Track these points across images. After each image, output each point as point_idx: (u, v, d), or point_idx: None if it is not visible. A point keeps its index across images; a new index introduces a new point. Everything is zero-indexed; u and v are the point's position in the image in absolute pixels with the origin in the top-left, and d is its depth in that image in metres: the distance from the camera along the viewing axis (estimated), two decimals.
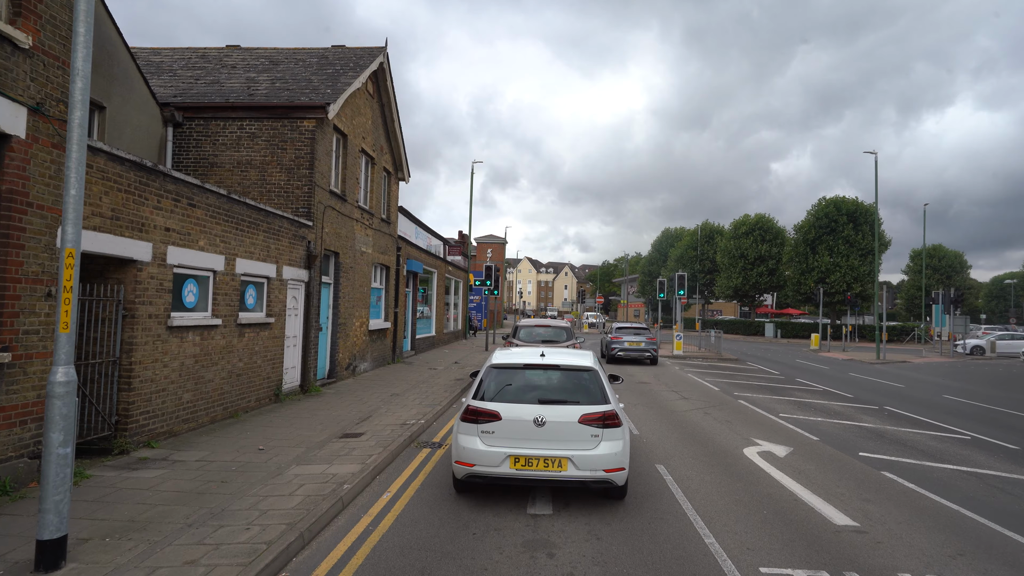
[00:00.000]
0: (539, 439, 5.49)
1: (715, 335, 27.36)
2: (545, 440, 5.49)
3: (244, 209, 9.24)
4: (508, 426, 5.54)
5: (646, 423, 10.08)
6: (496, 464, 5.47)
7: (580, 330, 50.28)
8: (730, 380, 17.04)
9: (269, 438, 7.88)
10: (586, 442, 5.49)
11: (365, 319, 15.42)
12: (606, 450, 5.46)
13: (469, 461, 5.55)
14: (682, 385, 15.57)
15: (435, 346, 24.69)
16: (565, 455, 5.41)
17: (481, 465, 5.51)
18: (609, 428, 5.52)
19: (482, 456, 5.51)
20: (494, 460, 5.47)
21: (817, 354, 31.51)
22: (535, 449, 5.47)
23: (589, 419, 5.53)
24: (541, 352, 6.46)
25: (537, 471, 5.43)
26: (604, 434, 5.50)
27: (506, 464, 5.46)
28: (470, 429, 5.65)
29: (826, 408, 12.37)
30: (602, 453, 5.44)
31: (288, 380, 11.16)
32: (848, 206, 44.63)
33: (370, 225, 15.63)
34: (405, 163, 18.18)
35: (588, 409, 5.60)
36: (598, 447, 5.47)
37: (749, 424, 10.25)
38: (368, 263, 15.54)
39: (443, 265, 26.45)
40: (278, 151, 11.90)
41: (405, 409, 10.30)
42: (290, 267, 10.95)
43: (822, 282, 44.73)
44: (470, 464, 5.54)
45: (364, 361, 15.42)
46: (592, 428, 5.51)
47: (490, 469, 5.49)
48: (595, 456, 5.43)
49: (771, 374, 19.41)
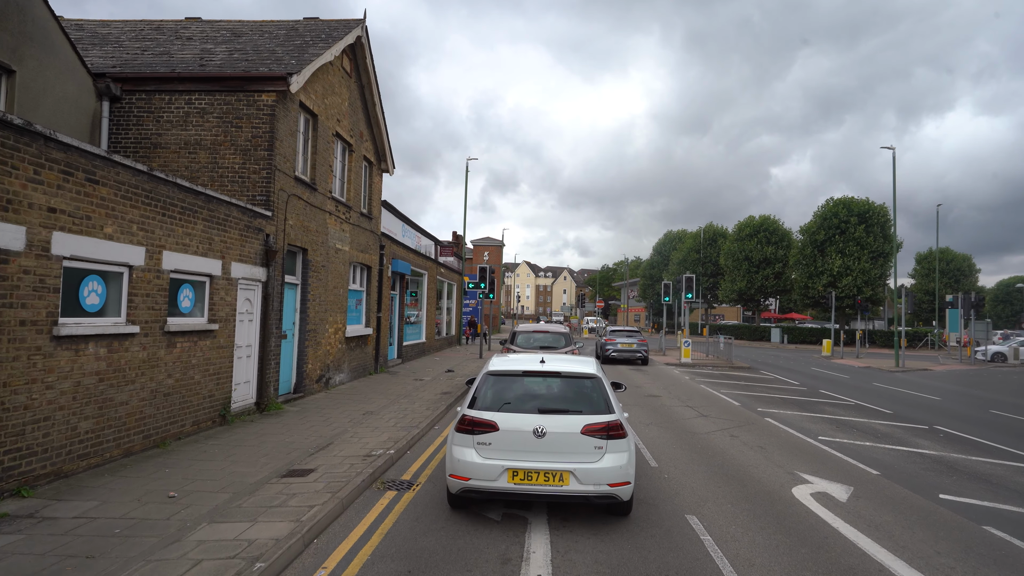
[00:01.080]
0: (539, 451, 5.14)
1: (724, 341, 25.68)
2: (545, 452, 5.14)
3: (175, 191, 7.56)
4: (506, 437, 5.20)
5: (664, 450, 8.38)
6: (493, 478, 5.11)
7: (580, 335, 48.59)
8: (748, 392, 15.35)
9: (192, 477, 6.18)
10: (589, 454, 5.13)
11: (341, 325, 13.73)
12: (611, 463, 5.10)
13: (464, 475, 5.18)
14: (697, 399, 13.87)
15: (425, 353, 22.97)
16: (567, 468, 5.06)
17: (477, 479, 5.14)
18: (614, 439, 5.18)
19: (478, 469, 5.14)
20: (491, 474, 5.11)
21: (830, 361, 29.85)
22: (535, 462, 5.11)
23: (592, 430, 5.17)
24: (541, 358, 6.08)
25: (537, 485, 5.06)
26: (608, 446, 5.15)
27: (504, 478, 5.10)
28: (465, 440, 5.29)
29: (869, 429, 10.69)
30: (607, 466, 5.08)
31: (239, 397, 9.45)
32: (858, 206, 43.05)
33: (347, 219, 13.95)
34: (389, 153, 16.53)
35: (591, 419, 5.25)
36: (602, 460, 5.11)
37: (788, 451, 8.56)
38: (344, 262, 13.85)
39: (434, 267, 24.77)
40: (232, 130, 10.22)
41: (376, 433, 8.60)
42: (241, 264, 9.26)
43: (832, 286, 43.11)
44: (465, 478, 5.18)
45: (340, 372, 13.71)
46: (596, 439, 5.15)
47: (487, 483, 5.13)
48: (599, 469, 5.06)
49: (790, 384, 17.73)
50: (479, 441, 5.23)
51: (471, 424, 5.31)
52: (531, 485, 5.06)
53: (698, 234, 59.37)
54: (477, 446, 5.23)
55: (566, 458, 5.11)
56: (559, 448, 5.13)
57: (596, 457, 5.11)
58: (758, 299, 50.59)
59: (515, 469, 5.07)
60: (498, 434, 5.20)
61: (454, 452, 5.30)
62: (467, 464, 5.17)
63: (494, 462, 5.12)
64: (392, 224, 18.10)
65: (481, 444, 5.22)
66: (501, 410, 5.40)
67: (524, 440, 5.15)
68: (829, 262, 43.18)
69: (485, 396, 5.60)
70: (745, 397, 14.38)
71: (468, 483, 5.16)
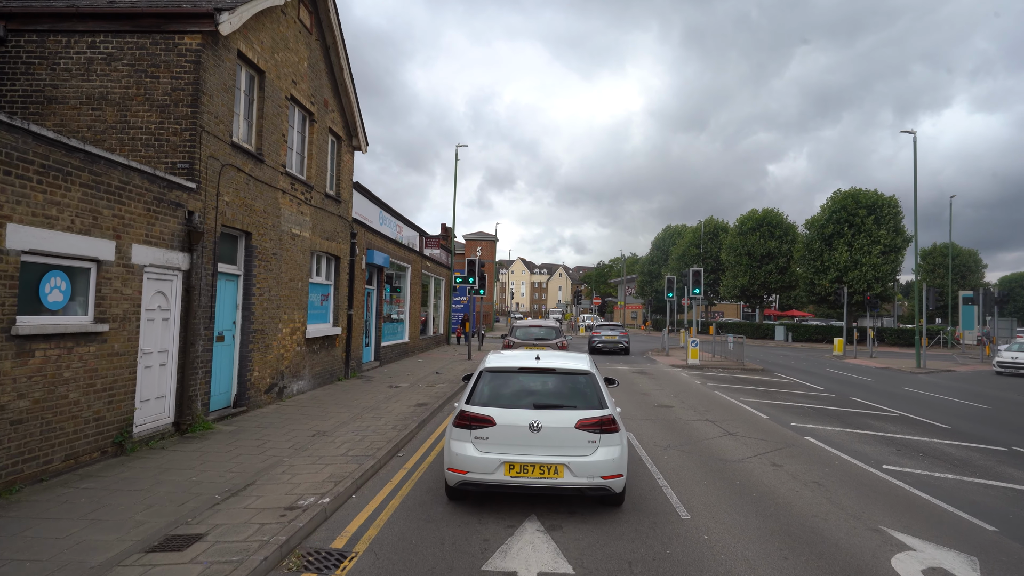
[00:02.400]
0: (534, 445, 5.29)
1: (733, 340, 23.73)
2: (541, 446, 5.29)
3: (28, 142, 5.50)
4: (502, 432, 5.34)
5: (693, 489, 6.41)
6: (490, 471, 5.25)
7: (576, 333, 46.68)
8: (772, 401, 13.41)
9: (15, 548, 4.16)
10: (583, 448, 5.29)
11: (300, 324, 11.69)
12: (603, 456, 5.27)
13: (462, 468, 5.33)
14: (715, 409, 11.92)
15: (408, 355, 20.94)
16: (561, 461, 5.22)
17: (474, 472, 5.28)
18: (607, 434, 5.34)
19: (475, 463, 5.28)
20: (488, 467, 5.25)
21: (843, 361, 27.99)
22: (530, 455, 5.27)
23: (586, 424, 5.33)
24: (536, 355, 6.18)
25: (533, 478, 5.22)
26: (601, 440, 5.32)
27: (500, 471, 5.25)
28: (463, 435, 5.42)
29: (937, 452, 8.74)
30: (600, 459, 5.25)
31: (147, 418, 7.41)
32: (867, 198, 41.19)
33: (307, 200, 11.90)
34: (361, 128, 14.46)
35: (585, 414, 5.40)
36: (595, 453, 5.28)
37: (855, 490, 6.59)
38: (304, 250, 11.81)
39: (419, 260, 22.72)
40: (147, 81, 8.16)
41: (316, 466, 6.59)
42: (149, 247, 7.22)
43: (839, 281, 41.28)
44: (463, 471, 5.32)
45: (299, 379, 11.68)
46: (589, 433, 5.30)
47: (484, 476, 5.27)
48: (592, 462, 5.23)
49: (814, 390, 15.81)
50: (476, 436, 5.35)
51: (469, 419, 5.41)
52: (527, 478, 5.19)
53: (698, 228, 57.43)
54: (474, 440, 5.35)
55: (561, 452, 5.26)
56: (554, 442, 5.27)
57: (590, 451, 5.27)
58: (761, 295, 48.72)
59: (511, 462, 5.21)
60: (495, 429, 5.33)
61: (452, 446, 5.42)
62: (465, 458, 5.30)
63: (491, 456, 5.25)
64: (367, 210, 16.09)
65: (478, 439, 5.34)
66: (498, 405, 5.51)
67: (520, 434, 5.28)
68: (836, 256, 41.34)
69: (482, 392, 5.68)
70: (770, 407, 12.43)
71: (466, 476, 5.29)
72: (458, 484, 5.40)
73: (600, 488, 5.21)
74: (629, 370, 19.70)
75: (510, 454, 5.25)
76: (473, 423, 5.38)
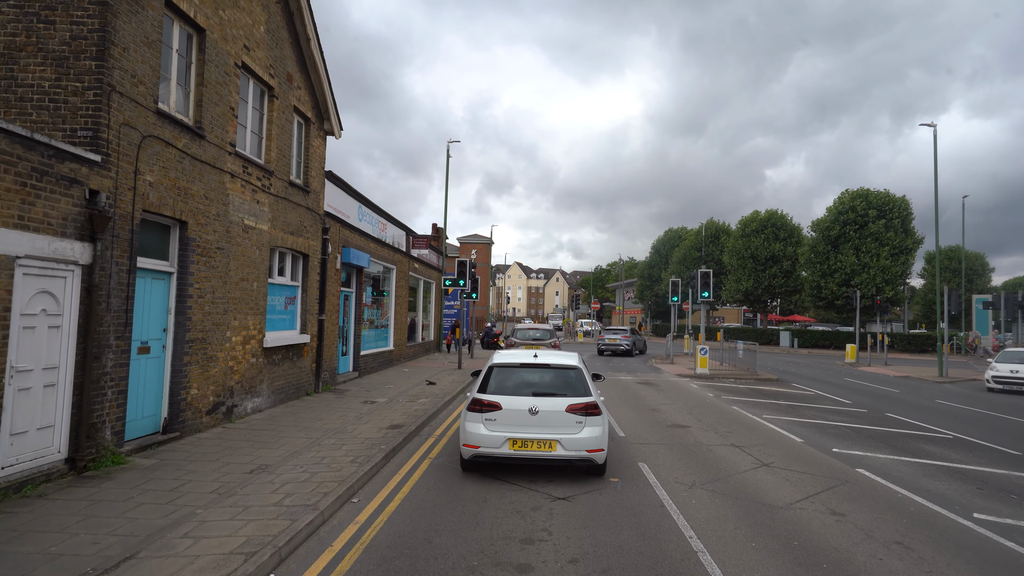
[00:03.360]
0: (533, 425, 6.54)
1: (743, 348, 22.09)
2: (538, 426, 6.54)
3: None
4: (507, 415, 6.58)
5: (741, 555, 4.74)
6: (497, 446, 6.49)
7: (574, 340, 45.01)
8: (800, 419, 11.77)
9: None
10: (572, 428, 6.54)
11: (256, 331, 10.02)
12: (588, 434, 6.53)
13: (475, 443, 6.56)
14: (739, 430, 10.28)
15: (392, 364, 19.24)
16: (554, 438, 6.48)
17: (485, 447, 6.51)
18: (591, 416, 6.60)
19: (485, 439, 6.52)
20: (495, 443, 6.50)
21: (857, 368, 26.42)
22: (530, 433, 6.51)
23: (574, 408, 6.59)
24: (534, 354, 7.44)
25: (531, 451, 6.47)
26: (587, 421, 6.57)
27: (505, 446, 6.49)
28: (476, 417, 6.66)
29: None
30: (585, 436, 6.51)
31: (21, 456, 5.72)
32: (877, 199, 39.72)
33: (265, 188, 10.25)
34: (333, 110, 12.83)
35: (573, 400, 6.67)
36: (582, 431, 6.53)
37: (964, 562, 4.95)
38: (261, 245, 10.14)
39: (406, 260, 21.05)
40: (40, 27, 6.51)
41: (233, 524, 4.90)
42: (24, 232, 5.55)
43: (846, 284, 39.76)
44: (475, 446, 6.55)
45: (254, 396, 10.00)
46: (576, 416, 6.56)
47: (492, 450, 6.51)
48: (579, 439, 6.49)
49: (840, 403, 14.19)
50: (486, 418, 6.63)
51: (480, 404, 6.70)
52: (526, 451, 6.48)
53: (699, 231, 55.90)
54: (485, 421, 6.62)
55: (554, 430, 6.54)
56: (548, 423, 6.56)
57: (577, 430, 6.55)
58: (765, 300, 47.15)
59: (514, 439, 6.50)
60: (501, 412, 6.61)
61: (467, 427, 6.69)
62: (477, 435, 6.57)
63: (498, 434, 6.54)
64: (343, 204, 14.47)
65: (488, 420, 6.62)
66: (504, 393, 6.80)
67: (521, 417, 6.58)
68: (843, 259, 39.83)
69: (491, 383, 6.96)
70: (801, 427, 10.79)
71: (478, 450, 6.57)
72: (471, 457, 6.66)
73: (585, 459, 6.53)
74: (633, 380, 18.05)
75: (513, 432, 6.52)
76: (484, 407, 6.66)
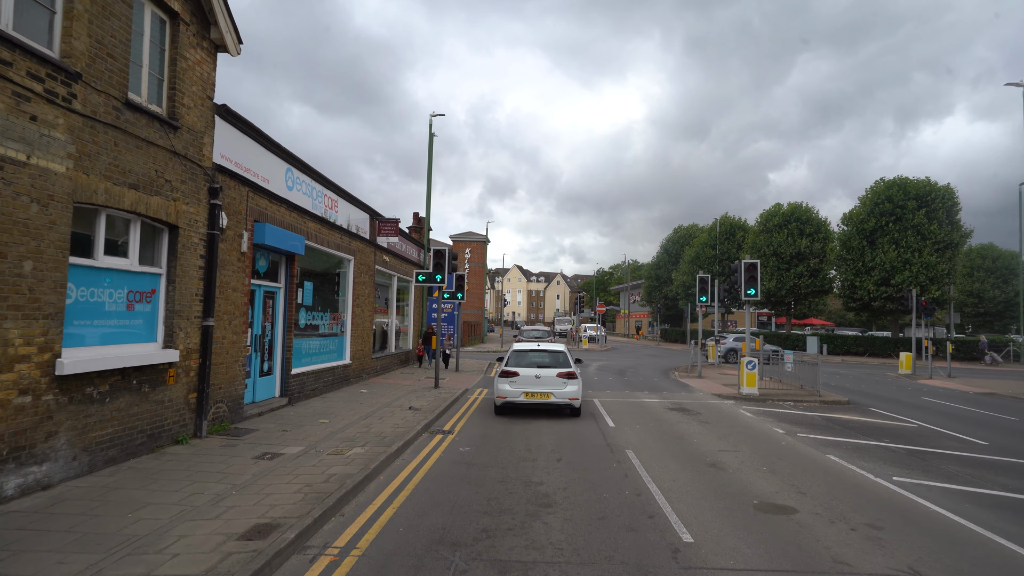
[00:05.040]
0: (537, 385, 11.34)
1: (805, 360, 17.52)
2: (540, 385, 11.33)
3: None
4: (522, 378, 11.40)
5: None
6: (517, 396, 11.30)
7: (578, 346, 40.54)
8: (951, 484, 7.44)
9: None
10: (560, 386, 11.31)
11: (37, 348, 5.68)
12: (569, 389, 11.31)
13: (503, 395, 11.40)
14: (886, 518, 5.91)
15: (349, 382, 14.87)
16: (550, 391, 11.28)
17: (509, 397, 11.34)
18: (571, 380, 11.38)
19: (510, 392, 11.36)
20: (516, 395, 11.32)
21: (916, 381, 22.04)
22: (535, 388, 11.31)
23: (562, 375, 11.38)
24: (538, 344, 12.83)
25: (536, 399, 11.28)
26: (568, 382, 11.35)
27: (521, 396, 11.28)
28: (504, 381, 11.49)
29: None
30: (568, 390, 11.30)
31: None
32: (917, 188, 35.32)
33: (62, 100, 5.91)
34: (223, 11, 8.52)
35: (561, 370, 11.48)
36: (566, 387, 11.31)
37: None
38: (48, 198, 5.78)
39: (370, 250, 16.71)
40: None
41: None
42: None
43: (885, 283, 35.34)
44: (504, 397, 11.39)
45: (37, 462, 5.64)
46: (562, 379, 11.35)
47: (513, 399, 11.33)
48: (564, 391, 11.29)
49: (973, 443, 9.86)
50: (510, 380, 11.42)
51: (506, 373, 11.51)
52: (534, 399, 11.27)
53: (713, 227, 51.50)
54: (509, 382, 11.41)
55: (549, 387, 11.29)
56: (546, 384, 11.31)
57: (563, 386, 11.30)
58: (789, 301, 42.67)
59: (527, 391, 11.29)
60: (518, 377, 11.39)
61: (498, 385, 11.53)
62: (505, 390, 11.38)
63: (517, 389, 11.31)
64: (259, 161, 10.16)
65: (511, 381, 11.41)
66: (519, 366, 11.63)
67: (530, 380, 11.36)
68: (881, 255, 35.41)
69: (511, 360, 11.91)
70: (972, 503, 6.43)
71: (505, 400, 11.36)
72: (501, 404, 11.53)
73: (567, 404, 11.35)
74: (662, 404, 13.67)
75: (526, 388, 11.32)
76: (508, 375, 11.47)
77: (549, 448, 8.84)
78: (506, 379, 11.37)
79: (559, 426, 10.66)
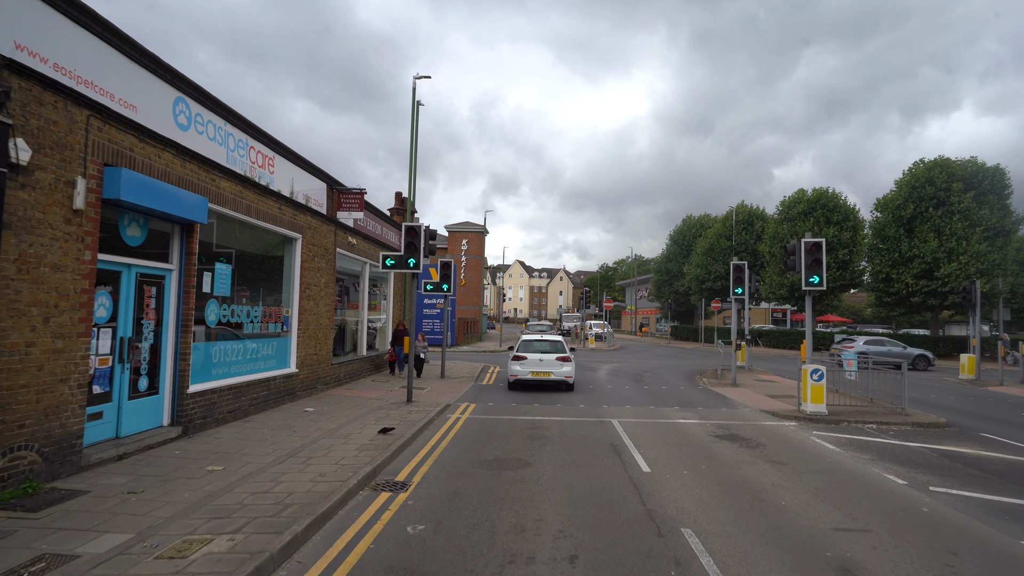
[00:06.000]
0: (541, 366, 14.71)
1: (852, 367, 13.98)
2: (543, 367, 14.71)
3: None
4: (529, 361, 14.79)
5: None
6: (525, 375, 14.71)
7: (584, 344, 37.09)
8: None
9: None
10: (559, 367, 14.75)
11: None
12: (566, 370, 14.82)
13: (515, 375, 14.80)
14: None
15: (293, 396, 11.43)
16: (551, 371, 14.69)
17: (519, 376, 14.76)
18: (567, 362, 14.88)
19: (520, 372, 14.76)
20: (524, 374, 14.72)
21: (987, 388, 18.57)
22: (539, 368, 14.69)
23: (559, 359, 14.84)
24: (541, 335, 16.28)
25: (540, 377, 14.67)
26: (564, 364, 14.84)
27: (528, 375, 14.69)
28: (515, 363, 14.84)
29: None
30: (564, 370, 14.79)
31: None
32: (962, 169, 31.74)
33: None
34: None
35: (559, 354, 14.97)
36: (562, 368, 14.78)
37: None
38: None
39: (328, 229, 13.26)
40: None
41: None
42: None
43: (926, 276, 31.75)
44: (515, 375, 14.79)
45: None
46: (560, 362, 14.82)
47: (523, 377, 14.74)
48: (562, 371, 14.75)
49: None
50: (520, 363, 14.81)
51: (517, 358, 14.89)
52: (538, 377, 14.69)
53: (728, 216, 47.89)
54: (520, 364, 14.81)
55: (550, 368, 14.74)
56: (548, 366, 14.75)
57: (561, 367, 14.80)
58: (817, 296, 39.13)
59: (534, 371, 14.72)
60: (526, 360, 14.84)
61: (511, 367, 14.88)
62: (516, 370, 14.81)
63: (526, 369, 14.77)
64: (124, 79, 6.73)
65: (521, 364, 14.81)
66: (527, 352, 15.05)
67: (535, 362, 14.78)
68: (921, 245, 31.84)
69: (521, 347, 15.32)
70: None
71: (516, 378, 14.83)
72: (513, 381, 14.97)
73: (563, 381, 14.88)
74: (704, 429, 10.22)
75: (532, 368, 14.70)
76: (519, 359, 14.80)
77: (554, 526, 5.39)
78: (517, 362, 14.89)
79: (570, 475, 7.16)
